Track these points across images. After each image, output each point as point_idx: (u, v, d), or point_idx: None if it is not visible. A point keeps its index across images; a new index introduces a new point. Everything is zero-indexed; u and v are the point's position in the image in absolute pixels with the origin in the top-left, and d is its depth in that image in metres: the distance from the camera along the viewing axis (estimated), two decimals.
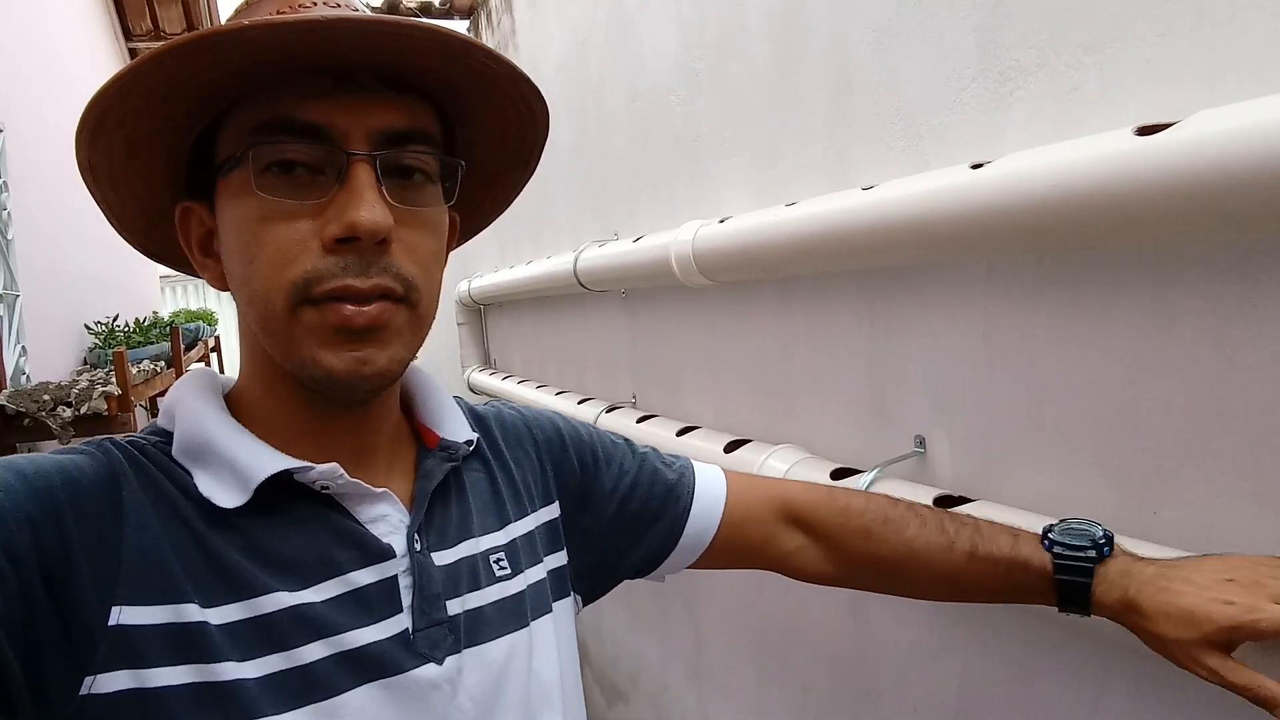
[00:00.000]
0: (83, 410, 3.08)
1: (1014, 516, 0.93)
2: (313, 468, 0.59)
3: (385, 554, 0.61)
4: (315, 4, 0.59)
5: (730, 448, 1.46)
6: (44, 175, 3.95)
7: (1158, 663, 0.73)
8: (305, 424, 0.63)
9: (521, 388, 2.81)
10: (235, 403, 0.65)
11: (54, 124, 4.40)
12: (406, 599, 0.61)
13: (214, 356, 7.44)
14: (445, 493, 0.69)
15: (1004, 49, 0.96)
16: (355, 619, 0.58)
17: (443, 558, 0.65)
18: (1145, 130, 0.72)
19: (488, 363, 3.72)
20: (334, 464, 0.60)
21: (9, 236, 3.59)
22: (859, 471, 1.16)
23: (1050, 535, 0.75)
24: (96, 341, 4.57)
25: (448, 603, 0.63)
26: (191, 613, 0.53)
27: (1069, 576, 0.72)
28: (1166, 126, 0.70)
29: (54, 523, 0.51)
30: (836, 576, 0.85)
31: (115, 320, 4.73)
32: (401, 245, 0.58)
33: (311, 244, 0.55)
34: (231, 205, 0.58)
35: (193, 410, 0.61)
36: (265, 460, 0.58)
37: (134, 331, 4.75)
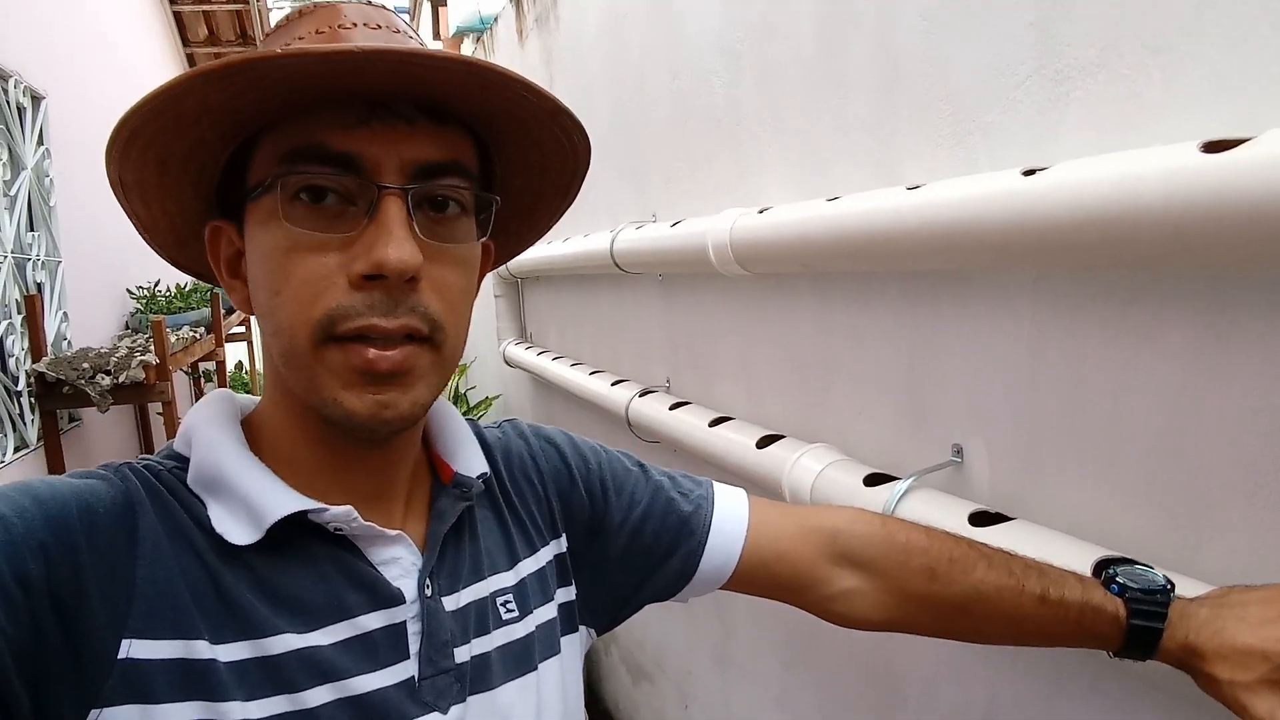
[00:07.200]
0: (121, 379, 3.12)
1: (1053, 539, 0.89)
2: (327, 509, 0.58)
3: (395, 599, 0.60)
4: (355, 25, 0.58)
5: (763, 443, 1.43)
6: (87, 143, 3.98)
7: (1192, 697, 0.70)
8: (325, 459, 0.61)
9: (557, 364, 2.80)
10: (255, 429, 0.63)
11: (96, 91, 4.43)
12: (414, 646, 0.60)
13: (252, 320, 7.52)
14: (459, 533, 0.67)
15: (1062, 45, 0.91)
16: (362, 664, 0.57)
17: (453, 602, 0.63)
18: (1213, 146, 0.67)
19: (524, 336, 3.71)
20: (348, 507, 0.58)
21: (51, 203, 3.63)
22: (894, 478, 1.13)
23: (1118, 580, 0.72)
24: (138, 306, 4.63)
25: (455, 650, 0.62)
26: (201, 649, 0.52)
27: (1144, 622, 0.69)
28: (1237, 143, 0.66)
29: (68, 552, 0.50)
30: (889, 621, 0.78)
31: (157, 285, 4.78)
32: (430, 283, 0.56)
33: (338, 279, 0.54)
34: (259, 232, 0.57)
35: (209, 440, 0.60)
36: (279, 500, 0.57)
37: (175, 297, 4.80)
